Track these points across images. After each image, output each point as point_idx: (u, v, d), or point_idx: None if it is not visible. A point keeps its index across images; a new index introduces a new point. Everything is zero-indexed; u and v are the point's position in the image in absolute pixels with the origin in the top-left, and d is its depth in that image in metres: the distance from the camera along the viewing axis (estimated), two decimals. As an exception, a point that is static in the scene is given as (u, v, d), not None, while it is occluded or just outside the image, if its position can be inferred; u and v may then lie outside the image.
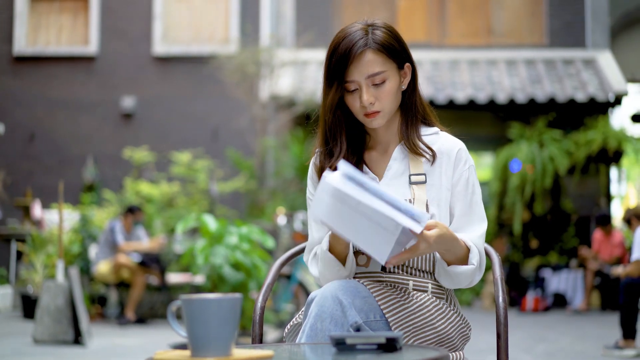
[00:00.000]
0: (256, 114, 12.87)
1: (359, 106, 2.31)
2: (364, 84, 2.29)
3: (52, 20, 15.34)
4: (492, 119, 14.98)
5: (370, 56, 2.28)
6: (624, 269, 7.61)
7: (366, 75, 2.28)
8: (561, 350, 7.62)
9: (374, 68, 2.28)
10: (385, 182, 2.37)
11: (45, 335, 7.68)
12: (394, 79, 2.32)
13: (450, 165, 2.36)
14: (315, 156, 2.47)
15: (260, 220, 11.40)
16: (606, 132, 13.52)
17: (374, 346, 1.83)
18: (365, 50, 2.28)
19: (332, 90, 2.32)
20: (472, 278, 2.29)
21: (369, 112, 2.30)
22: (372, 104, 2.29)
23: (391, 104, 2.32)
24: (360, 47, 2.28)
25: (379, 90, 2.29)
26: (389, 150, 2.42)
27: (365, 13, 15.32)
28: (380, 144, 2.43)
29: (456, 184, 2.35)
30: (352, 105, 2.33)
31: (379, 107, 2.30)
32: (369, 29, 2.33)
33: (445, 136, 2.42)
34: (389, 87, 2.30)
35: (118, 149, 14.41)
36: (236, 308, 1.73)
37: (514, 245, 13.94)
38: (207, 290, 7.27)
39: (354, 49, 2.28)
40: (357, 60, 2.28)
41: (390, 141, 2.42)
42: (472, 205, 2.35)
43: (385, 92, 2.30)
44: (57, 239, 10.36)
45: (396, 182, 2.36)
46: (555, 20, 15.27)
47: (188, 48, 14.88)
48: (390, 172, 2.38)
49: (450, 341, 2.27)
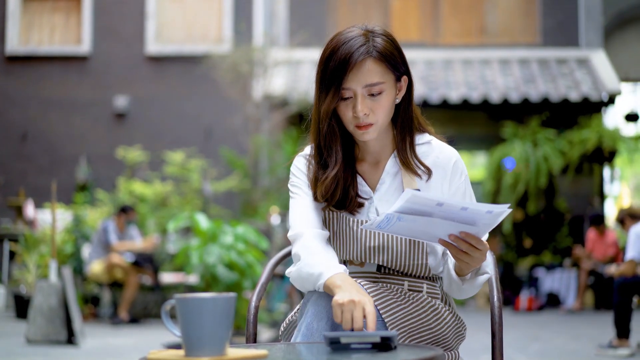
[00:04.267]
0: (249, 114, 12.86)
1: (352, 116, 2.21)
2: (359, 93, 2.19)
3: (45, 20, 15.30)
4: (486, 118, 14.99)
5: (371, 65, 2.18)
6: (618, 268, 7.62)
7: (364, 84, 2.18)
8: (555, 350, 7.62)
9: (372, 78, 2.18)
10: (378, 197, 2.32)
11: (38, 336, 7.66)
12: (390, 92, 2.23)
13: (447, 179, 2.31)
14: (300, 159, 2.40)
15: (254, 219, 11.39)
16: (600, 131, 13.54)
17: (368, 345, 1.82)
18: (366, 59, 2.18)
19: (328, 97, 2.21)
20: (479, 287, 2.28)
21: (362, 124, 2.21)
22: (367, 115, 2.20)
23: (385, 117, 2.24)
24: (362, 55, 2.17)
25: (374, 102, 2.20)
26: (380, 162, 2.35)
27: (359, 12, 15.33)
28: (370, 154, 2.36)
29: (453, 196, 2.31)
30: (344, 115, 2.23)
31: (373, 120, 2.21)
32: (369, 35, 2.22)
33: (439, 146, 2.35)
34: (384, 100, 2.21)
35: (111, 149, 14.39)
36: (231, 307, 1.72)
37: (507, 245, 13.95)
38: (200, 290, 7.26)
39: (355, 56, 2.17)
40: (357, 68, 2.18)
41: (382, 153, 2.35)
42: None
43: (381, 105, 2.21)
44: (50, 239, 10.33)
45: (391, 197, 2.31)
46: (549, 20, 15.28)
47: (181, 47, 14.86)
48: (384, 186, 2.32)
49: (446, 341, 2.26)
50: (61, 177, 14.05)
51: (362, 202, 2.31)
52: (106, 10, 15.09)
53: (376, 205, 2.30)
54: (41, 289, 7.74)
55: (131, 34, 14.99)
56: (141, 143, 14.30)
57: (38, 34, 15.29)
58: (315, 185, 2.32)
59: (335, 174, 2.28)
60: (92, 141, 14.81)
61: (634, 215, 9.06)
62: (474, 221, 1.99)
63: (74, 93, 14.98)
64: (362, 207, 2.31)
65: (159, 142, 14.46)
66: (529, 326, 10.03)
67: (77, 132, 14.89)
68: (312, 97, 2.36)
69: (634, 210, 9.25)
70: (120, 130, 14.79)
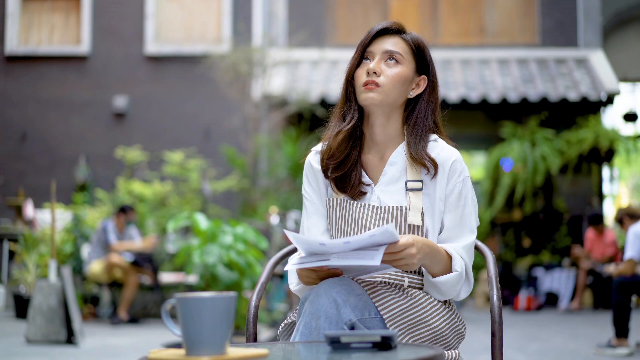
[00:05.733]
0: (249, 114, 12.86)
1: (364, 76, 2.33)
2: (378, 54, 2.35)
3: (44, 20, 15.30)
4: (485, 118, 15.00)
5: (398, 41, 2.38)
6: (616, 268, 7.63)
7: (385, 49, 2.35)
8: (554, 349, 7.63)
9: (394, 47, 2.35)
10: (380, 188, 2.35)
11: (37, 335, 7.66)
12: (407, 70, 2.36)
13: (445, 177, 2.33)
14: (313, 155, 2.46)
15: (253, 219, 11.39)
16: (598, 131, 13.54)
17: (369, 344, 1.82)
18: (396, 36, 2.38)
19: (353, 58, 2.39)
20: (457, 287, 2.28)
21: (370, 80, 2.32)
22: (377, 74, 2.32)
23: (392, 86, 2.33)
24: (394, 33, 2.38)
25: (387, 67, 2.33)
26: (385, 155, 2.39)
27: (358, 12, 15.34)
28: (376, 146, 2.40)
29: (449, 195, 2.32)
30: (359, 75, 2.36)
31: (380, 81, 2.32)
32: (405, 29, 2.42)
33: (442, 145, 2.38)
34: (398, 71, 2.34)
35: (110, 149, 14.39)
36: (231, 307, 1.72)
37: (506, 245, 13.96)
38: (200, 290, 7.26)
39: (388, 30, 2.38)
40: (385, 38, 2.37)
41: (387, 145, 2.39)
42: (463, 218, 2.33)
43: (393, 73, 2.33)
44: (49, 239, 10.33)
45: (392, 188, 2.34)
46: (548, 20, 15.29)
47: (180, 47, 14.86)
48: (386, 177, 2.36)
49: (445, 339, 2.27)
50: (60, 177, 14.05)
51: (365, 190, 2.36)
52: (105, 10, 15.08)
53: (378, 194, 2.33)
54: (41, 289, 7.74)
55: (130, 34, 14.99)
56: (140, 143, 14.30)
57: (37, 34, 15.28)
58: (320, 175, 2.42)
59: (351, 128, 2.38)
60: (91, 141, 14.80)
61: (632, 215, 9.06)
62: (366, 247, 2.06)
63: (73, 93, 14.97)
64: (365, 195, 2.36)
65: (158, 142, 14.45)
66: (528, 326, 10.04)
67: (76, 132, 14.88)
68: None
69: (632, 210, 9.25)
70: (119, 130, 14.79)
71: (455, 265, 2.25)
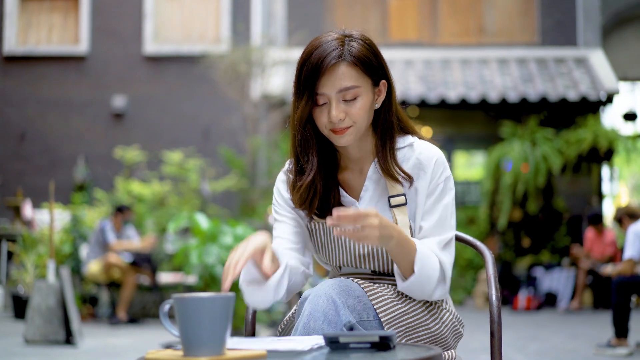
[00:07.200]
0: (248, 113, 12.86)
1: (327, 121, 2.17)
2: (334, 98, 2.14)
3: (43, 20, 15.30)
4: (484, 118, 14.99)
5: (344, 69, 2.13)
6: (615, 268, 7.62)
7: (338, 89, 2.13)
8: (553, 349, 7.62)
9: (346, 82, 2.13)
10: (363, 206, 2.28)
11: (36, 336, 7.65)
12: (367, 96, 2.18)
13: (427, 179, 2.24)
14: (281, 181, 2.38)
15: (252, 219, 11.38)
16: (598, 130, 13.54)
17: (367, 345, 1.82)
18: (338, 63, 2.13)
19: (302, 102, 2.17)
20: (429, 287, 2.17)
21: (337, 128, 2.17)
22: (342, 120, 2.15)
23: (362, 121, 2.19)
24: (334, 59, 2.12)
25: (349, 107, 2.16)
26: (364, 170, 2.31)
27: (357, 12, 15.33)
28: (353, 162, 2.32)
29: (430, 194, 2.24)
30: (319, 120, 2.18)
31: (349, 123, 2.16)
32: (345, 39, 2.17)
33: (421, 147, 2.28)
34: (360, 104, 2.16)
35: (109, 149, 14.38)
36: (229, 307, 1.71)
37: (506, 244, 13.95)
38: (199, 290, 7.25)
39: (327, 61, 2.12)
40: (330, 72, 2.13)
41: (365, 160, 2.31)
42: (442, 218, 2.25)
43: (357, 109, 2.16)
44: (48, 239, 10.32)
45: (376, 204, 2.26)
46: (547, 19, 15.29)
47: (179, 47, 14.86)
48: (368, 193, 2.28)
49: (444, 339, 2.25)
50: (59, 177, 14.05)
51: None
52: (104, 10, 15.08)
53: None
54: (39, 289, 7.74)
55: (129, 34, 14.98)
56: (139, 143, 14.30)
57: (36, 34, 15.28)
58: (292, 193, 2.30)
59: (310, 181, 2.24)
60: (90, 141, 14.80)
61: (632, 215, 9.07)
62: None
63: (71, 93, 14.97)
64: None
65: (157, 141, 14.45)
66: (528, 326, 10.03)
67: (75, 132, 14.88)
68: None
69: (632, 210, 9.26)
70: (118, 130, 14.79)
71: (416, 265, 2.15)
